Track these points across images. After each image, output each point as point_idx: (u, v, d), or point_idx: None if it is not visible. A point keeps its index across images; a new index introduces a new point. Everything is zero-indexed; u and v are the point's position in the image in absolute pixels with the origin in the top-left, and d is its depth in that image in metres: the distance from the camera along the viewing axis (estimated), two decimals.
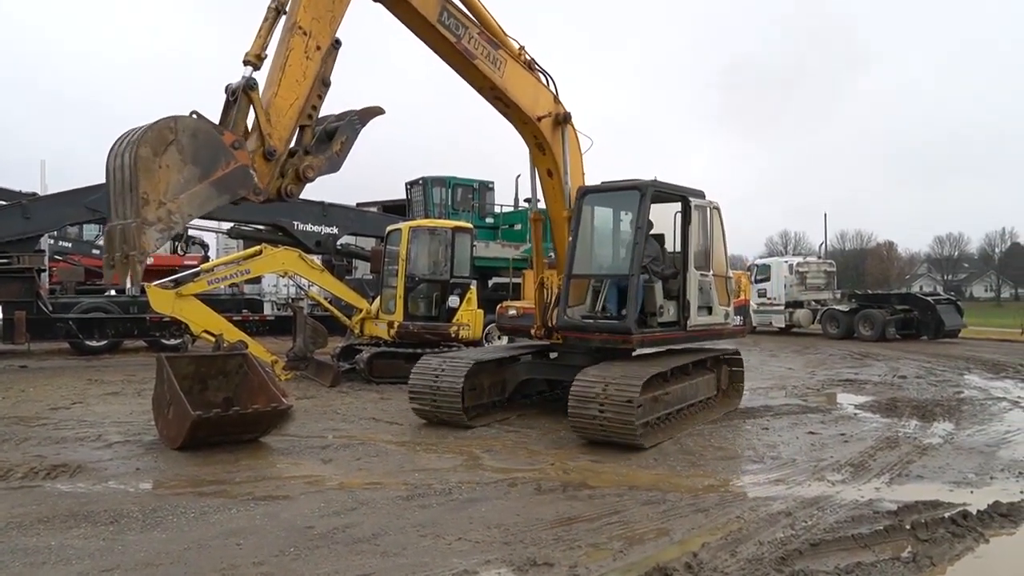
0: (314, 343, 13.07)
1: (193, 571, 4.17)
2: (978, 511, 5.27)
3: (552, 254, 9.82)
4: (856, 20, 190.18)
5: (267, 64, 6.60)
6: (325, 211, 17.53)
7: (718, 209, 9.18)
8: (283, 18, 6.73)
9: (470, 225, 14.05)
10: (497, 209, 21.76)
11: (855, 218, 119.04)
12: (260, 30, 6.62)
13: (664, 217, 8.92)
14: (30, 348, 15.65)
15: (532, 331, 9.18)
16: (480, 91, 8.55)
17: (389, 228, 13.63)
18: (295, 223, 16.99)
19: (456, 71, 8.32)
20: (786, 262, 27.10)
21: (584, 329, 8.41)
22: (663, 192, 8.63)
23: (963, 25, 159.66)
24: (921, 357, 17.85)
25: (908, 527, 4.99)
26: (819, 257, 32.82)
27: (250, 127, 6.42)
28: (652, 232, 8.84)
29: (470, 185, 21.61)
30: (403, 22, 7.84)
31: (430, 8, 7.66)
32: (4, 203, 16.24)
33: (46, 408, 9.50)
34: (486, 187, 21.91)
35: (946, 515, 5.21)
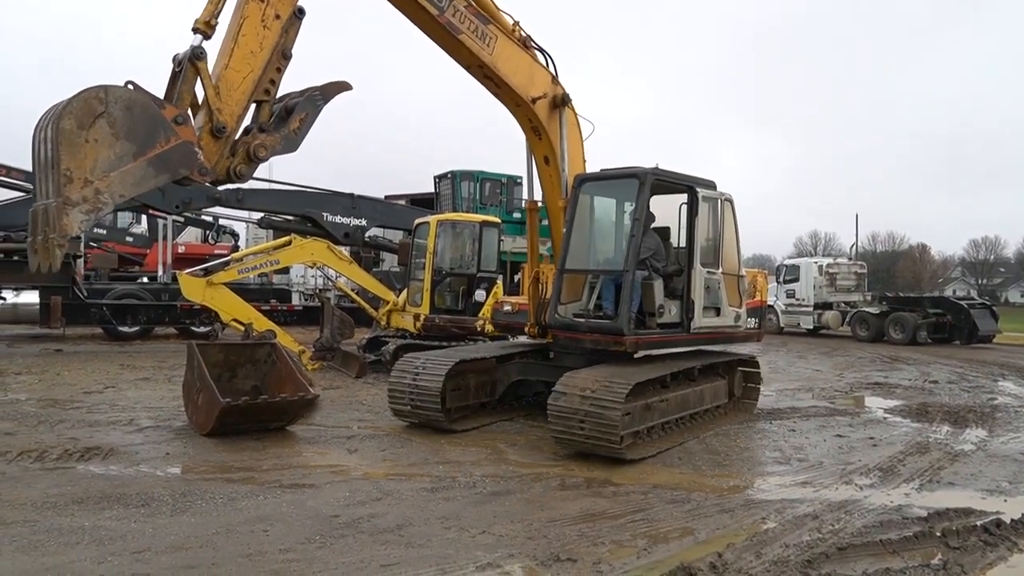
0: (341, 334, 13.20)
1: (221, 555, 4.24)
2: (1012, 520, 5.16)
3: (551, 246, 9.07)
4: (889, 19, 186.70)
5: (221, 33, 6.04)
6: (354, 203, 17.63)
7: (731, 201, 8.45)
8: None
9: (498, 220, 14.04)
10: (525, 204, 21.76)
11: (887, 220, 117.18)
12: None
13: (671, 209, 8.35)
14: (65, 332, 16.03)
15: (526, 329, 8.61)
16: (468, 69, 7.93)
17: (417, 221, 13.67)
18: (324, 214, 17.11)
19: (442, 47, 7.71)
20: (815, 263, 26.70)
21: (575, 328, 7.78)
22: (665, 181, 7.98)
23: (1003, 25, 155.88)
24: (953, 362, 17.52)
25: (939, 534, 4.90)
26: (849, 258, 32.33)
27: (201, 101, 5.89)
28: (656, 225, 8.34)
29: (498, 179, 21.63)
30: None
31: None
32: None
33: (80, 392, 9.71)
34: (514, 182, 21.90)
35: (978, 523, 5.11)
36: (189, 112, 5.77)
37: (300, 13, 6.57)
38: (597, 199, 8.48)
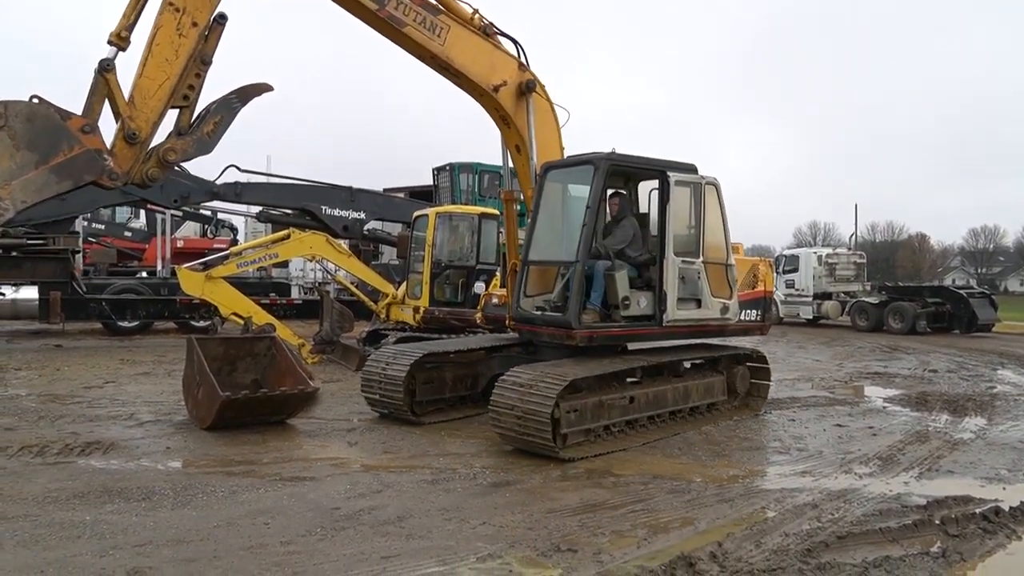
0: (340, 327, 13.20)
1: (223, 548, 4.25)
2: (1011, 508, 5.18)
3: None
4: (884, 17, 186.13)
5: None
6: (353, 196, 17.60)
7: (715, 185, 7.97)
8: None
9: (496, 212, 14.01)
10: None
11: (886, 210, 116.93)
12: (126, 7, 6.21)
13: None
14: (64, 328, 16.03)
15: (506, 322, 8.40)
16: (422, 60, 7.73)
17: (416, 214, 13.66)
18: (323, 208, 17.09)
19: (391, 40, 7.54)
20: (815, 253, 26.69)
21: (532, 322, 7.59)
22: (627, 167, 7.76)
23: (1004, 21, 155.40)
24: (952, 351, 17.54)
25: (938, 522, 4.92)
26: (849, 248, 32.33)
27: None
28: (639, 213, 8.14)
29: (497, 172, 21.46)
30: None
31: None
32: None
33: (80, 387, 9.71)
34: (513, 174, 21.86)
35: (977, 511, 5.13)
36: (98, 122, 6.02)
37: (222, 19, 6.65)
38: (563, 187, 8.15)
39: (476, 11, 7.90)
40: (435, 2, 7.60)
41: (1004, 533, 4.81)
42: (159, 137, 6.58)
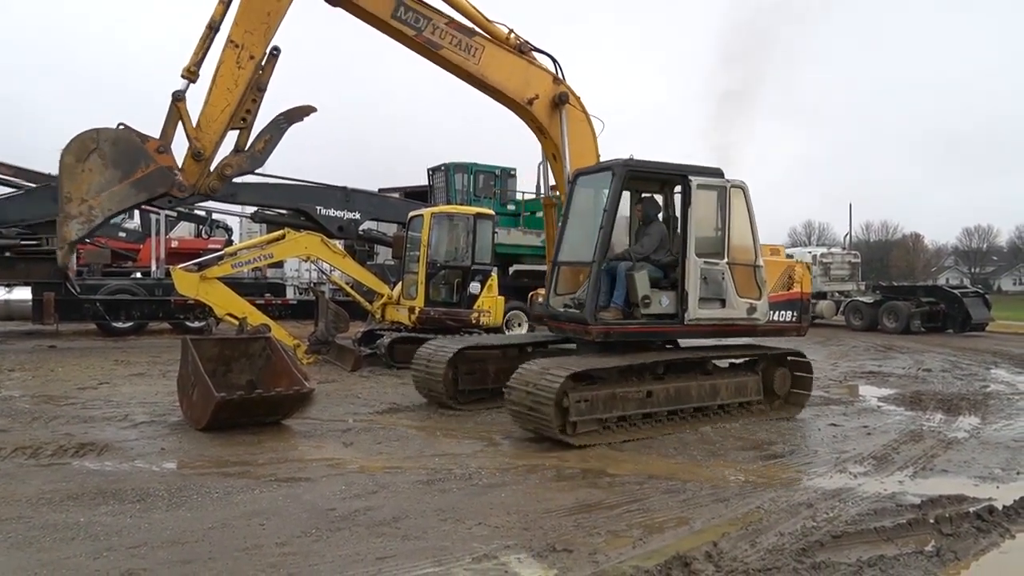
0: (336, 328, 13.18)
1: (218, 549, 4.24)
2: (1004, 506, 5.20)
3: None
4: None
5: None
6: (348, 196, 17.57)
7: (742, 189, 8.19)
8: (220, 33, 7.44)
9: (492, 212, 14.03)
10: (519, 196, 21.68)
11: (881, 209, 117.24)
12: (196, 46, 7.32)
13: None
14: (58, 328, 15.99)
15: (544, 320, 8.84)
16: (459, 78, 8.45)
17: (411, 214, 13.65)
18: (318, 208, 17.04)
19: (429, 60, 8.27)
20: (810, 252, 26.80)
21: (558, 318, 8.12)
22: (648, 172, 8.05)
23: (1004, 21, 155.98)
24: (947, 350, 17.60)
25: (932, 521, 4.93)
26: (843, 248, 32.43)
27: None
28: (671, 216, 8.45)
29: (492, 172, 21.55)
30: (362, 20, 7.99)
31: (382, 7, 7.82)
32: (33, 186, 16.49)
33: (74, 388, 9.68)
34: (508, 174, 21.84)
35: (971, 510, 5.15)
36: (171, 144, 7.33)
37: (275, 51, 7.65)
38: (592, 192, 8.51)
39: (511, 31, 8.59)
40: (470, 24, 8.34)
41: (998, 532, 4.83)
42: (222, 153, 7.87)
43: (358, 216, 17.76)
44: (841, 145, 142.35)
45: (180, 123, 7.37)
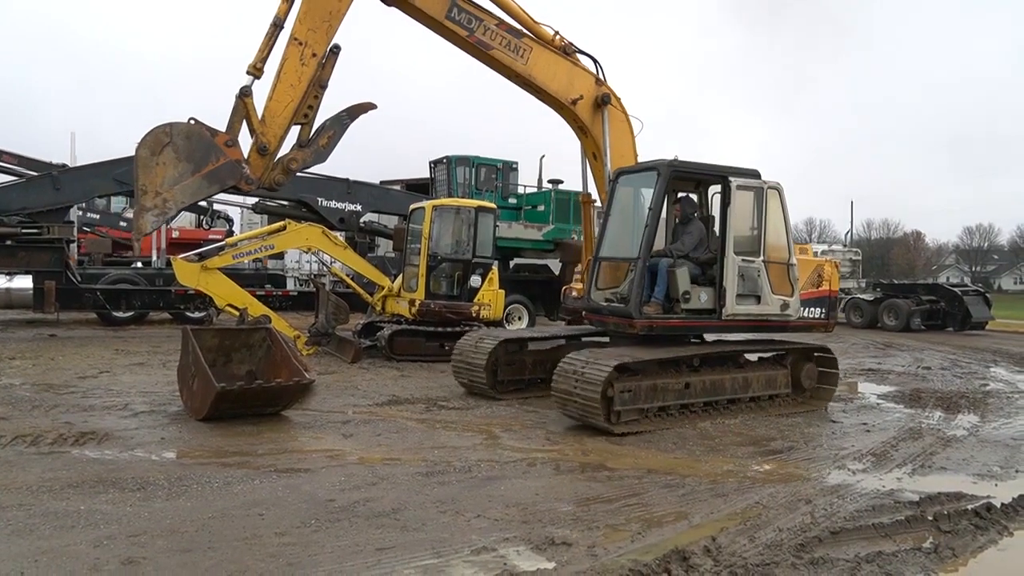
0: (336, 319, 13.16)
1: (217, 539, 4.25)
2: (1002, 504, 5.21)
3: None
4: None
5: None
6: (349, 188, 17.57)
7: (778, 190, 8.45)
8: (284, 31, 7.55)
9: (493, 205, 14.02)
10: (520, 190, 21.65)
11: (882, 207, 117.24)
12: (261, 43, 7.46)
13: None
14: (59, 317, 16.00)
15: (583, 313, 9.20)
16: (505, 77, 8.67)
17: (412, 207, 13.64)
18: (319, 199, 17.05)
19: (478, 60, 8.48)
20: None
21: (599, 312, 8.39)
22: (690, 173, 8.32)
23: (1002, 21, 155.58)
24: (946, 348, 17.61)
25: (930, 518, 4.95)
26: (844, 245, 32.42)
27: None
28: (708, 215, 8.75)
29: (494, 165, 21.50)
30: (416, 19, 8.22)
31: (436, 7, 8.01)
32: (35, 174, 16.49)
33: (74, 376, 9.69)
34: (510, 167, 21.80)
35: (969, 507, 5.16)
36: (238, 137, 7.46)
37: (336, 49, 7.82)
38: (633, 191, 8.82)
39: (557, 32, 8.87)
40: (519, 26, 8.56)
41: (996, 529, 4.84)
42: (285, 147, 7.99)
43: (359, 208, 17.77)
44: (844, 143, 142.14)
45: (245, 119, 7.52)
